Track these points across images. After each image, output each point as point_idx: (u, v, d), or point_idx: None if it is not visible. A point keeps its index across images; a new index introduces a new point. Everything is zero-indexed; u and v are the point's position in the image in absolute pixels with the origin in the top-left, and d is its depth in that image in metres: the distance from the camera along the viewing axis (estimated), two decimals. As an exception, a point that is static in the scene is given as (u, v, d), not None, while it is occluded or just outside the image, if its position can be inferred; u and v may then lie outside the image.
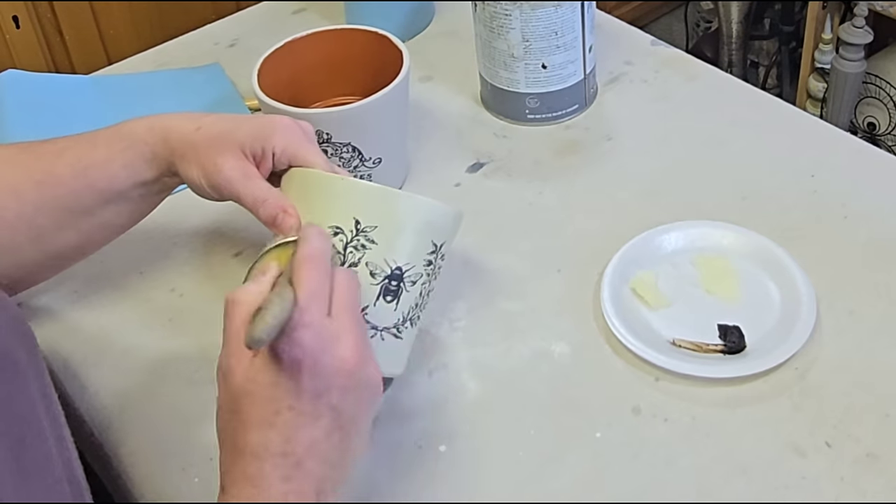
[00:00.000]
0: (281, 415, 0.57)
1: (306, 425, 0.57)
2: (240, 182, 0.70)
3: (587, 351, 0.77)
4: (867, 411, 0.70)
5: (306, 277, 0.59)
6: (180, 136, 0.73)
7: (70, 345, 0.82)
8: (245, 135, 0.71)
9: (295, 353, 0.57)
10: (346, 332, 0.59)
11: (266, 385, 0.57)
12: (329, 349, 0.58)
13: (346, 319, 0.60)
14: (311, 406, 0.57)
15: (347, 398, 0.58)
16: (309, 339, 0.57)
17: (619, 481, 0.68)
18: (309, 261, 0.60)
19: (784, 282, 0.78)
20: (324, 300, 0.59)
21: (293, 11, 1.19)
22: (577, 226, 0.88)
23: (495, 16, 0.93)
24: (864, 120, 1.92)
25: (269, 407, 0.57)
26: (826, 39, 1.88)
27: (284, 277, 0.60)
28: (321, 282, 0.59)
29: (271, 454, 0.56)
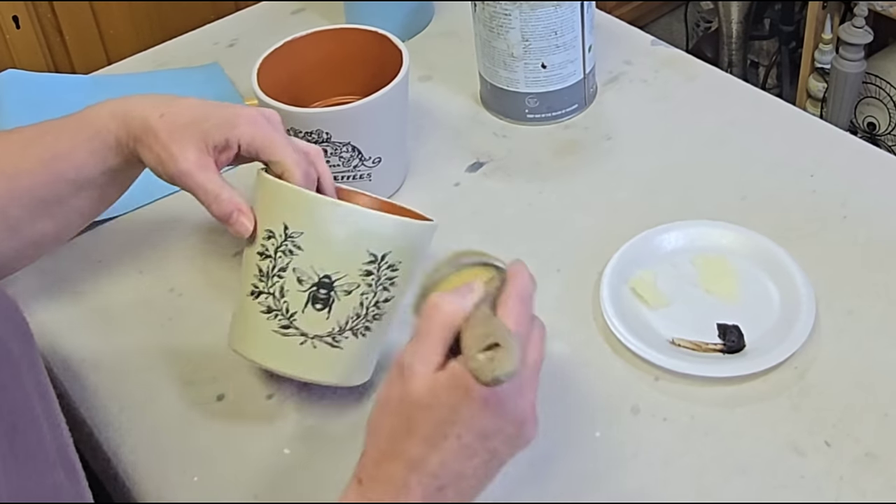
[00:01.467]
0: (448, 440, 0.57)
1: (465, 458, 0.58)
2: (194, 175, 0.70)
3: (586, 350, 0.77)
4: (866, 411, 0.70)
5: (517, 319, 0.59)
6: (141, 120, 0.72)
7: (70, 345, 0.82)
8: (211, 125, 0.71)
9: (487, 392, 0.57)
10: (531, 384, 0.60)
11: (446, 406, 0.57)
12: (514, 398, 0.58)
13: (534, 371, 0.60)
14: (477, 444, 0.58)
15: (509, 446, 0.59)
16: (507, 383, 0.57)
17: (619, 481, 0.68)
18: (521, 301, 0.60)
19: (783, 281, 0.79)
20: (523, 346, 0.59)
21: (292, 11, 1.19)
22: (577, 225, 0.88)
23: (495, 15, 0.93)
24: (864, 120, 1.92)
25: (440, 428, 0.57)
26: (826, 39, 1.88)
27: (487, 304, 0.60)
28: (525, 325, 0.60)
29: (425, 472, 0.57)
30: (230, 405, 0.76)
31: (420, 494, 0.57)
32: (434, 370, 0.58)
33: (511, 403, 0.58)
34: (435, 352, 0.58)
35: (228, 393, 0.77)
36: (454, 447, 0.57)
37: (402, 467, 0.57)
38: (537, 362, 0.61)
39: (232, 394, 0.77)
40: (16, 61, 1.50)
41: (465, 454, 0.58)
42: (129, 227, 0.91)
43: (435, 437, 0.57)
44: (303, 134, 0.85)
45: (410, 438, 0.57)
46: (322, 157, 0.76)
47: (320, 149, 0.76)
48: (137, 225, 0.92)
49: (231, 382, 0.77)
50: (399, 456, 0.58)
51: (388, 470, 0.58)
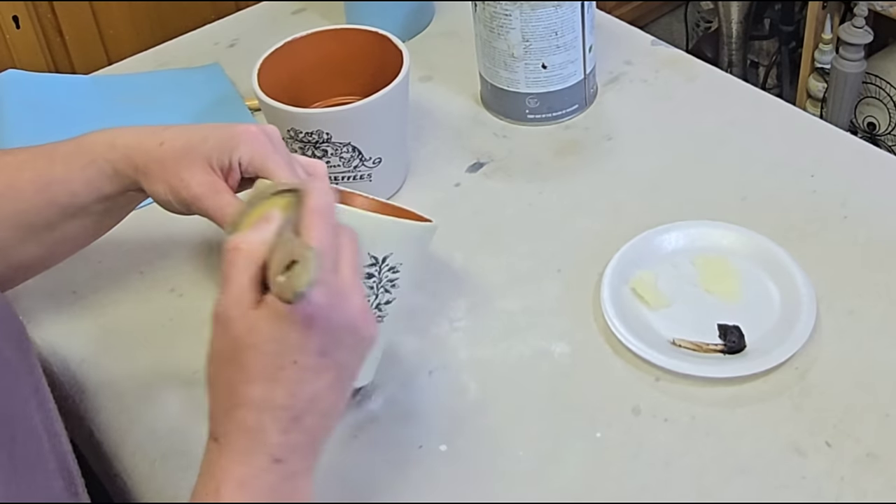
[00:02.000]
0: (285, 370, 0.56)
1: (310, 380, 0.57)
2: (208, 198, 0.69)
3: (587, 351, 0.77)
4: (867, 411, 0.70)
5: (317, 233, 0.57)
6: (144, 153, 0.71)
7: (70, 345, 0.82)
8: (211, 147, 0.70)
9: (305, 310, 0.56)
10: (352, 289, 0.58)
11: (271, 339, 0.56)
12: (339, 306, 0.57)
13: (351, 276, 0.59)
14: (317, 362, 0.57)
15: (352, 354, 0.58)
16: (320, 295, 0.56)
17: (619, 481, 0.68)
18: (319, 214, 0.58)
19: (784, 282, 0.78)
20: (332, 256, 0.58)
21: (293, 11, 1.19)
22: (577, 226, 0.88)
23: (495, 16, 0.93)
24: (864, 120, 1.92)
25: (273, 361, 0.56)
26: (826, 39, 1.88)
27: (288, 229, 0.59)
28: (331, 238, 0.58)
29: (272, 407, 0.56)
30: (231, 405, 0.76)
31: (277, 430, 0.56)
32: (249, 309, 0.57)
33: (334, 313, 0.57)
34: (244, 292, 0.57)
35: (229, 393, 0.77)
36: (295, 373, 0.56)
37: (250, 411, 0.56)
38: (353, 265, 0.59)
39: (232, 394, 0.77)
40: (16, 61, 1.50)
41: (308, 377, 0.57)
42: (129, 227, 0.91)
43: (270, 371, 0.56)
44: (303, 134, 0.85)
45: (248, 381, 0.56)
46: (325, 174, 0.74)
47: (324, 164, 0.75)
48: (137, 225, 0.91)
49: (231, 383, 0.77)
50: (243, 402, 0.56)
51: (238, 418, 0.56)
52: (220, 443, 0.57)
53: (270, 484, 0.56)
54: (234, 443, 0.56)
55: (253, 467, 0.56)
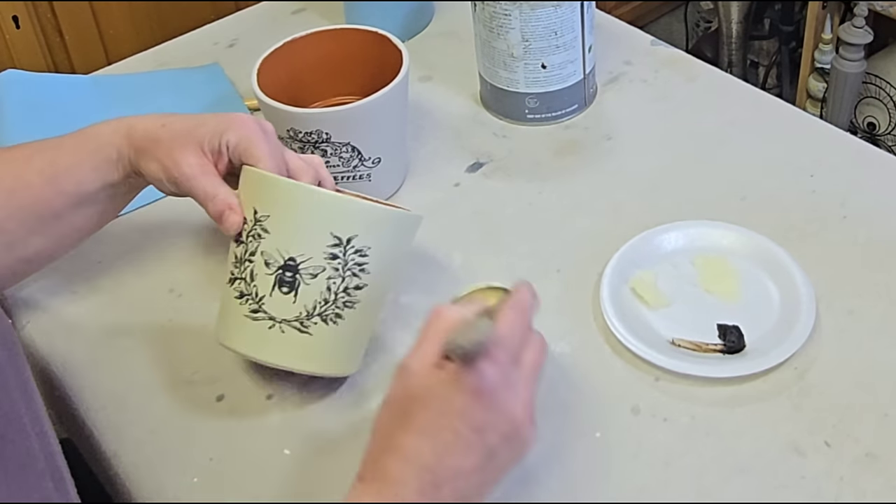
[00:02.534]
0: (442, 431, 0.58)
1: (459, 452, 0.58)
2: (196, 178, 0.72)
3: (587, 350, 0.77)
4: (866, 411, 0.70)
5: (508, 320, 0.61)
6: (144, 133, 0.74)
7: (70, 345, 0.82)
8: (205, 132, 0.73)
9: (476, 382, 0.58)
10: (524, 386, 0.61)
11: (441, 399, 0.59)
12: (507, 393, 0.59)
13: (529, 376, 0.61)
14: (471, 436, 0.58)
15: (504, 445, 0.60)
16: (493, 374, 0.59)
17: (619, 481, 0.68)
18: (514, 307, 0.62)
19: (783, 281, 0.78)
20: (515, 347, 0.61)
21: (292, 11, 1.19)
22: (577, 225, 0.88)
23: (495, 16, 0.93)
24: (863, 120, 1.92)
25: (434, 419, 0.58)
26: (826, 39, 1.88)
27: (487, 314, 0.62)
28: (520, 330, 0.62)
29: (418, 464, 0.57)
30: (230, 405, 0.76)
31: (416, 489, 0.57)
32: (429, 367, 0.59)
33: (502, 396, 0.59)
34: (431, 352, 0.60)
35: (228, 393, 0.77)
36: (447, 438, 0.58)
37: (398, 461, 0.58)
38: (533, 365, 0.62)
39: (232, 394, 0.77)
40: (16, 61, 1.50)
41: (459, 447, 0.58)
42: (129, 227, 0.91)
43: (429, 428, 0.58)
44: (302, 134, 0.85)
45: (405, 431, 0.58)
46: (321, 165, 0.77)
47: (320, 158, 0.78)
48: (137, 225, 0.92)
49: (231, 382, 0.77)
50: (395, 450, 0.58)
51: (385, 465, 0.58)
52: (364, 483, 0.59)
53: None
54: (374, 487, 0.58)
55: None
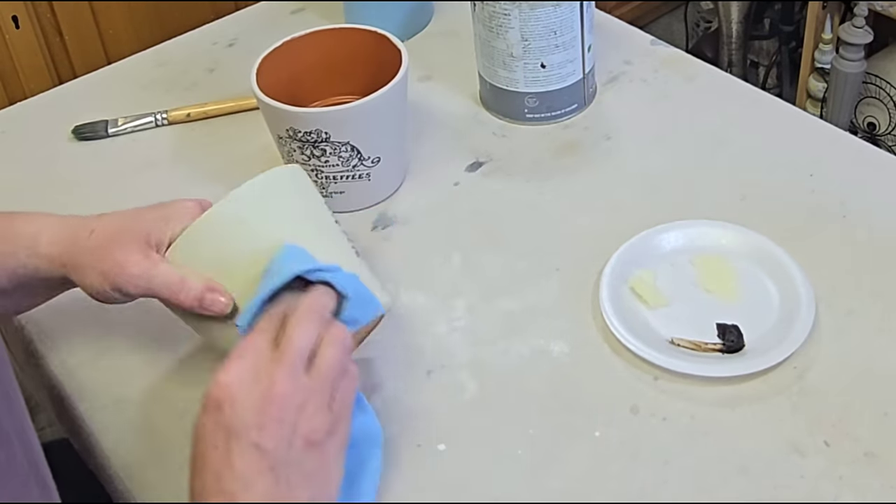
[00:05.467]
0: (205, 457, 0.57)
1: (229, 467, 0.56)
2: (149, 275, 0.66)
3: (586, 350, 0.77)
4: (866, 410, 0.70)
5: (294, 328, 0.60)
6: (73, 246, 0.68)
7: (69, 345, 0.82)
8: (146, 224, 0.67)
9: (212, 392, 0.58)
10: (317, 391, 0.59)
11: (199, 426, 0.59)
12: (253, 388, 0.58)
13: (322, 380, 0.59)
14: (227, 445, 0.57)
15: (272, 438, 0.57)
16: (233, 374, 0.58)
17: (618, 480, 0.68)
18: (309, 309, 0.61)
19: (783, 281, 0.78)
20: (300, 351, 0.59)
21: (292, 11, 1.19)
22: (576, 225, 0.88)
23: (494, 15, 0.93)
24: (864, 120, 1.92)
25: (197, 449, 0.58)
26: (826, 39, 1.88)
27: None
28: (305, 333, 0.60)
29: (204, 494, 0.56)
30: (229, 405, 0.76)
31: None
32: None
33: (245, 393, 0.58)
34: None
35: (227, 393, 0.77)
36: (215, 458, 0.57)
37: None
38: (329, 366, 0.60)
39: (231, 393, 0.76)
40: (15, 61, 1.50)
41: (228, 462, 0.57)
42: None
43: (198, 461, 0.58)
44: (301, 133, 0.84)
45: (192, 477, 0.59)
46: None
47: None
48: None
49: (230, 382, 0.77)
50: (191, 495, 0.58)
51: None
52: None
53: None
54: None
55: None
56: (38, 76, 1.52)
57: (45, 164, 1.02)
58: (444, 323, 0.80)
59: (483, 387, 0.75)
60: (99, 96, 1.10)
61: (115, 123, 1.04)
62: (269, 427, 0.57)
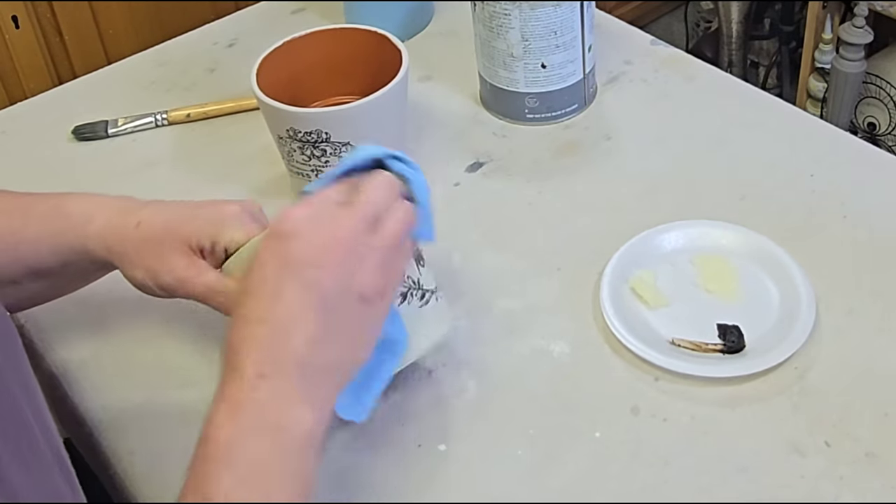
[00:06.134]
0: (263, 284, 0.58)
1: (281, 295, 0.57)
2: (193, 280, 0.68)
3: (586, 350, 0.77)
4: (866, 411, 0.70)
5: (366, 188, 0.61)
6: (119, 235, 0.69)
7: (70, 345, 0.82)
8: (192, 230, 0.69)
9: (283, 225, 0.58)
10: (376, 251, 0.60)
11: (259, 255, 0.59)
12: (320, 228, 0.58)
13: (385, 242, 0.60)
14: (292, 277, 0.57)
15: (339, 299, 0.58)
16: (296, 213, 0.58)
17: (619, 480, 0.68)
18: (375, 178, 0.62)
19: (783, 281, 0.78)
20: (370, 213, 0.60)
21: (292, 11, 1.19)
22: (577, 225, 0.88)
23: (494, 15, 0.93)
24: (864, 120, 1.92)
25: (255, 276, 0.59)
26: (826, 39, 1.88)
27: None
28: (377, 198, 0.61)
29: (249, 321, 0.57)
30: (230, 405, 0.76)
31: (257, 345, 0.57)
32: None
33: (316, 238, 0.58)
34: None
35: (228, 393, 0.77)
36: (269, 289, 0.58)
37: (237, 330, 0.58)
38: (392, 233, 0.61)
39: (231, 394, 0.76)
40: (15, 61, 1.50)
41: (283, 290, 0.57)
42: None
43: (253, 286, 0.59)
44: (302, 133, 0.84)
45: (238, 301, 0.59)
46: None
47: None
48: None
49: (230, 382, 0.77)
50: (234, 322, 0.59)
51: (228, 339, 0.58)
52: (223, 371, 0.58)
53: (255, 403, 0.56)
54: (225, 366, 0.57)
55: (236, 387, 0.57)
56: (38, 76, 1.52)
57: (45, 164, 1.02)
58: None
59: (483, 386, 0.75)
60: (99, 96, 1.10)
61: (115, 124, 1.04)
62: (328, 267, 0.58)
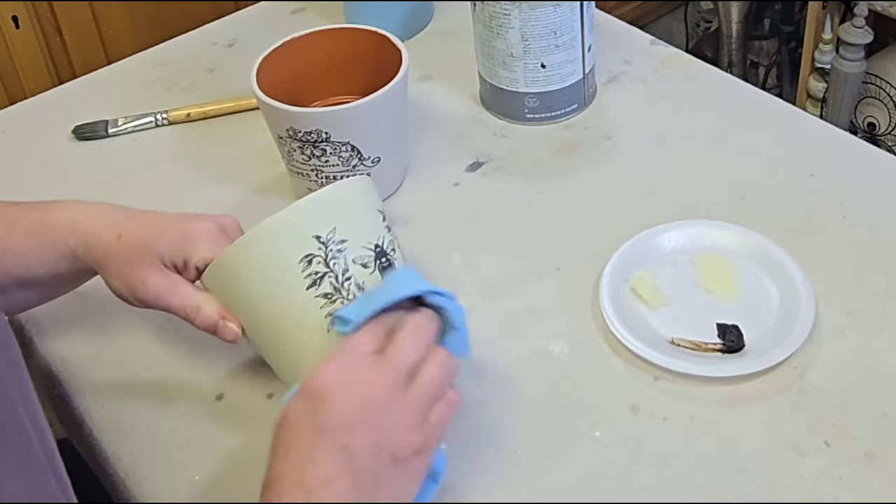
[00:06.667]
0: (291, 445, 0.58)
1: (312, 460, 0.57)
2: (167, 295, 0.69)
3: (586, 350, 0.77)
4: (866, 410, 0.70)
5: (398, 339, 0.61)
6: (102, 246, 0.71)
7: (69, 345, 0.82)
8: (165, 245, 0.69)
9: (315, 383, 0.58)
10: (412, 404, 0.59)
11: (290, 411, 0.59)
12: (353, 390, 0.58)
13: (421, 394, 0.60)
14: (321, 440, 0.57)
15: (371, 459, 0.57)
16: (329, 373, 0.58)
17: (618, 480, 0.68)
18: (410, 325, 0.62)
19: (783, 281, 0.78)
20: (401, 365, 0.60)
21: (292, 11, 1.19)
22: (576, 225, 0.88)
23: (494, 15, 0.93)
24: (864, 120, 1.92)
25: (286, 435, 0.58)
26: (826, 39, 1.88)
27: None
28: (411, 349, 0.61)
29: (284, 483, 0.57)
30: (230, 405, 0.76)
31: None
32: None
33: (349, 399, 0.57)
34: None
35: (228, 393, 0.77)
36: (300, 450, 0.58)
37: (271, 488, 0.58)
38: (430, 384, 0.60)
39: (232, 393, 0.77)
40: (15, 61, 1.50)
41: (313, 454, 0.57)
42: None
43: (284, 446, 0.59)
44: (302, 133, 0.84)
45: (274, 459, 0.59)
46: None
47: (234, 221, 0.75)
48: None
49: (231, 381, 0.77)
50: (269, 479, 0.59)
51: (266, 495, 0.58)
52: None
53: None
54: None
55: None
56: (38, 76, 1.52)
57: (45, 164, 1.02)
58: (445, 323, 0.80)
59: (483, 387, 0.75)
60: (99, 96, 1.10)
61: (115, 123, 1.04)
62: (361, 430, 0.57)
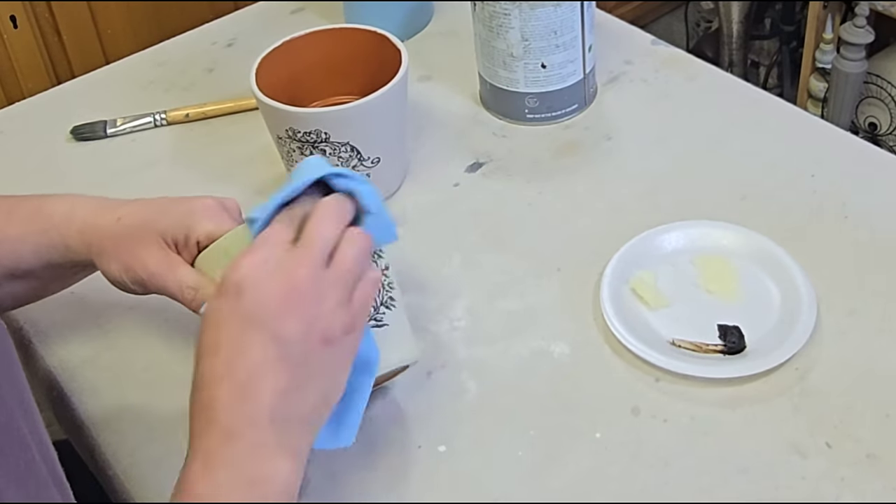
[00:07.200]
0: (220, 343, 0.57)
1: (244, 351, 0.56)
2: (165, 274, 0.68)
3: (587, 351, 0.77)
4: (867, 412, 0.70)
5: (311, 223, 0.60)
6: (99, 229, 0.70)
7: (69, 345, 0.82)
8: (168, 223, 0.69)
9: (233, 277, 0.57)
10: (335, 284, 0.58)
11: (210, 312, 0.58)
12: (274, 277, 0.57)
13: (340, 275, 0.59)
14: (249, 331, 0.56)
15: (302, 345, 0.57)
16: (245, 265, 0.57)
17: (619, 481, 0.68)
18: (320, 210, 0.60)
19: (784, 282, 0.78)
20: (320, 249, 0.59)
21: (291, 11, 1.19)
22: (577, 225, 0.87)
23: (494, 15, 0.92)
24: (865, 120, 1.92)
25: (210, 335, 0.58)
26: (827, 39, 1.88)
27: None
28: (326, 231, 0.59)
29: (212, 379, 0.56)
30: (229, 406, 0.76)
31: (225, 402, 0.56)
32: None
33: (268, 284, 0.57)
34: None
35: (227, 394, 0.76)
36: (231, 345, 0.57)
37: (202, 389, 0.57)
38: (350, 263, 0.59)
39: (230, 394, 0.76)
40: (14, 61, 1.50)
41: (243, 347, 0.57)
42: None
43: (210, 346, 0.58)
44: (301, 133, 0.84)
45: (199, 360, 0.59)
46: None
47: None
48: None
49: (230, 383, 0.77)
50: (196, 381, 0.58)
51: (196, 399, 0.58)
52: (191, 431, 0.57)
53: (230, 459, 0.55)
54: (195, 424, 0.57)
55: (211, 442, 0.56)
56: (36, 76, 1.52)
57: (44, 164, 1.02)
58: (445, 323, 0.80)
59: (483, 387, 0.75)
60: (97, 96, 1.10)
61: (114, 124, 1.04)
62: (288, 317, 0.57)
